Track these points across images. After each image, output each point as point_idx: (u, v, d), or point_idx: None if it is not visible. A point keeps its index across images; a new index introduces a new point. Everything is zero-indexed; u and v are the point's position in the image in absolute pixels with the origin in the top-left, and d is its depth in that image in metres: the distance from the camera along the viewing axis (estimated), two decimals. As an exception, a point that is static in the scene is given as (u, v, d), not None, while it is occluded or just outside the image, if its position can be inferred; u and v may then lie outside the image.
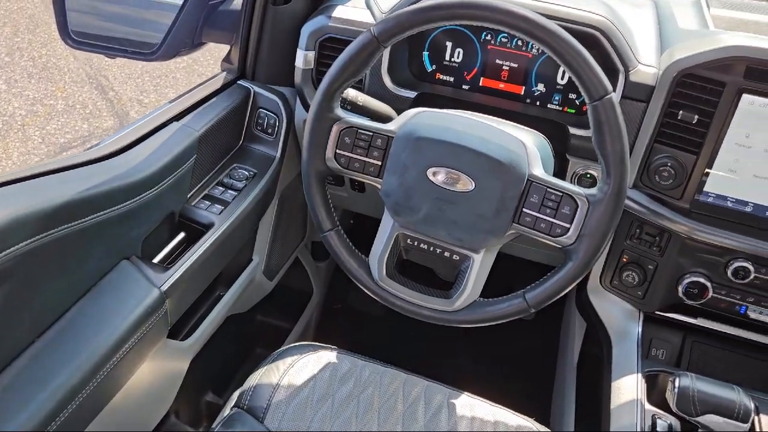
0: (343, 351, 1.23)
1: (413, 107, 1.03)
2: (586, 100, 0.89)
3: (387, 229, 1.04)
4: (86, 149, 1.08)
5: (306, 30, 1.29)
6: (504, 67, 1.28)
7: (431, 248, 1.03)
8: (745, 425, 0.96)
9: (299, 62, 1.31)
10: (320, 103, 0.99)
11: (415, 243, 1.04)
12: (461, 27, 1.28)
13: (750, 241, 1.12)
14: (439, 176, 0.96)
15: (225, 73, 1.40)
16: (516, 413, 1.16)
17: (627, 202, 1.18)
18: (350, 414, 1.11)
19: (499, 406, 1.17)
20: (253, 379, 1.15)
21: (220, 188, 1.27)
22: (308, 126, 1.01)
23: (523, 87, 1.28)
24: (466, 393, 1.18)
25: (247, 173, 1.32)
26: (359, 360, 1.21)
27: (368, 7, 1.27)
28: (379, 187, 1.01)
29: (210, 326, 1.31)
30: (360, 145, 1.00)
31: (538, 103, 1.28)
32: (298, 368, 1.18)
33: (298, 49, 1.31)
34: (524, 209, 0.94)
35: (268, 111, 1.37)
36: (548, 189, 0.93)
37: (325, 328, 1.97)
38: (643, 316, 1.27)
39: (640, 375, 1.17)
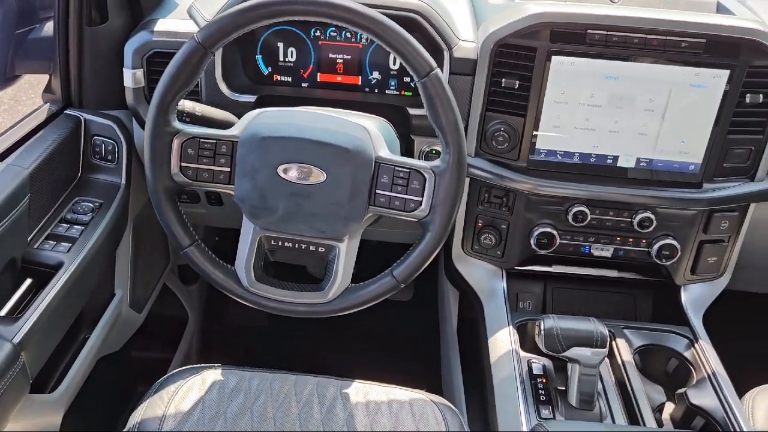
0: (228, 367, 1.21)
1: None
2: (415, 79, 0.94)
3: (248, 233, 1.03)
4: None
5: (129, 48, 1.25)
6: (338, 61, 1.31)
7: (296, 245, 1.04)
8: (604, 350, 1.07)
9: (128, 82, 1.26)
10: (155, 118, 0.96)
11: (279, 243, 1.04)
12: (290, 26, 1.29)
13: (582, 187, 1.24)
14: (290, 172, 0.97)
15: (48, 104, 1.31)
16: (408, 389, 1.20)
17: (472, 169, 1.26)
18: (245, 427, 1.09)
19: (391, 385, 1.20)
20: (137, 416, 1.10)
21: (65, 225, 1.19)
22: (147, 143, 0.97)
23: (360, 77, 1.32)
24: (357, 381, 1.20)
25: (92, 205, 1.25)
26: (246, 372, 1.19)
27: (191, 16, 1.25)
28: (233, 193, 1.00)
29: (79, 372, 1.22)
30: (205, 154, 0.98)
31: (376, 91, 1.33)
32: (183, 394, 1.14)
33: (124, 69, 1.26)
34: (377, 191, 0.98)
35: (104, 137, 1.30)
36: (396, 168, 0.97)
37: (209, 350, 1.91)
38: (506, 273, 1.37)
39: (511, 327, 1.26)
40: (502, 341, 1.23)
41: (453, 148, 0.95)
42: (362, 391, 1.18)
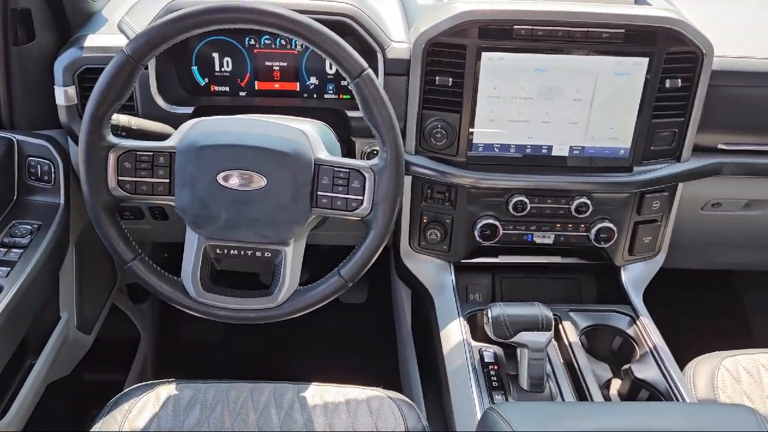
0: (182, 381, 1.20)
1: None
2: (348, 80, 0.96)
3: (193, 244, 1.03)
4: None
5: (59, 65, 1.23)
6: (275, 68, 1.32)
7: (242, 252, 1.04)
8: (550, 332, 1.10)
9: (60, 100, 1.24)
10: (89, 133, 0.95)
11: (225, 251, 1.04)
12: (224, 36, 1.29)
13: (520, 178, 1.28)
14: (230, 180, 0.97)
15: (-22, 128, 1.27)
16: (365, 387, 1.21)
17: (413, 167, 1.28)
18: (203, 438, 1.09)
19: (349, 385, 1.21)
20: None
21: (2, 249, 1.16)
22: (81, 159, 0.96)
23: (298, 83, 1.33)
24: (313, 384, 1.21)
25: (30, 227, 1.22)
26: (201, 384, 1.19)
27: (122, 30, 1.24)
28: (173, 204, 1.00)
29: (27, 400, 1.19)
30: (142, 167, 0.98)
31: (315, 96, 1.34)
32: (137, 411, 1.12)
33: (55, 87, 1.24)
34: (319, 192, 0.99)
35: (39, 158, 1.27)
36: (335, 168, 0.99)
37: (165, 368, 1.88)
38: (454, 266, 1.40)
39: (461, 318, 1.28)
40: (454, 333, 1.26)
41: (390, 146, 0.97)
42: (319, 393, 1.19)
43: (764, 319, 1.98)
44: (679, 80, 1.22)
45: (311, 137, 1.01)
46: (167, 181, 0.99)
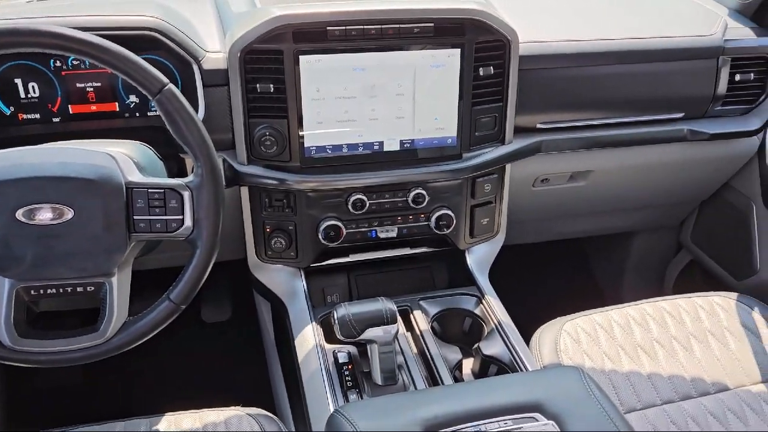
0: None
1: None
2: (150, 98, 0.92)
3: (2, 289, 0.95)
4: None
5: None
6: (89, 89, 1.25)
7: (61, 290, 0.97)
8: (395, 325, 1.12)
9: None
10: None
11: (41, 291, 0.97)
12: (24, 59, 1.20)
13: (355, 176, 1.29)
14: (32, 215, 0.91)
15: None
16: (222, 408, 1.18)
17: (248, 177, 1.26)
18: (44, 494, 1.01)
19: (205, 409, 1.18)
20: None
21: None
22: None
23: (117, 103, 1.27)
24: (168, 414, 1.16)
25: None
26: None
27: None
28: None
29: None
30: None
31: (137, 114, 1.28)
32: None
33: None
34: (135, 217, 0.95)
35: None
36: (149, 190, 0.95)
37: (16, 419, 1.73)
38: (304, 272, 1.39)
39: (314, 323, 1.28)
40: (308, 338, 1.25)
41: (203, 160, 0.95)
42: (174, 422, 1.14)
43: (610, 281, 2.14)
44: (492, 67, 1.29)
45: (120, 160, 0.96)
46: None
